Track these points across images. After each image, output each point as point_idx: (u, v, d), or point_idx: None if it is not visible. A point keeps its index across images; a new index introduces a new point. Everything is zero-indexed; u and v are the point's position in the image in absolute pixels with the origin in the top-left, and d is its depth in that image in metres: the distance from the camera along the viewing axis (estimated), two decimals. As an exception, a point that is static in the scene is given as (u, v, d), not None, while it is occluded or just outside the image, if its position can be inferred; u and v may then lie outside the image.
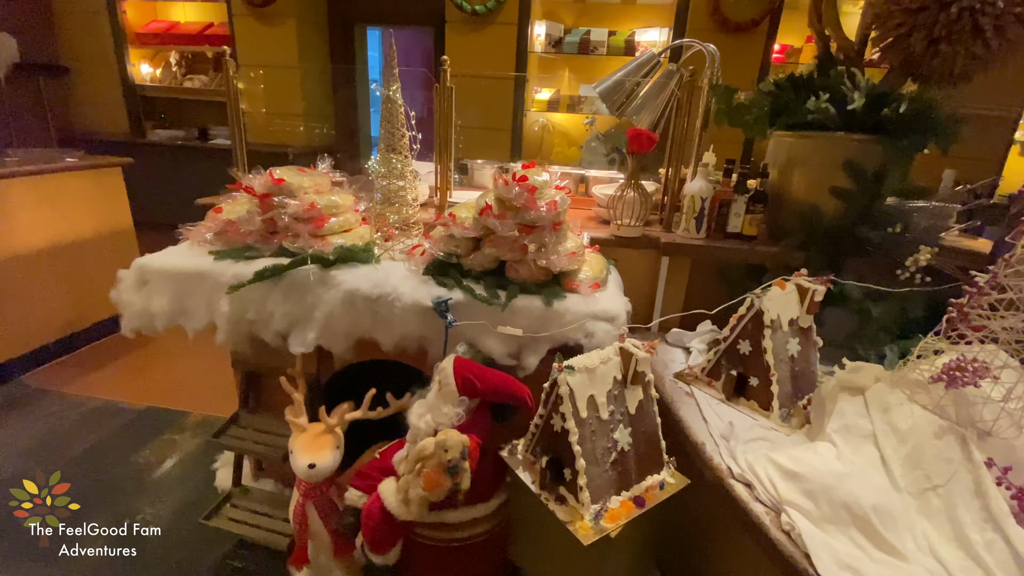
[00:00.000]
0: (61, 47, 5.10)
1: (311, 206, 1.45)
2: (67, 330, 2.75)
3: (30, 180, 2.51)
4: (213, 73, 5.08)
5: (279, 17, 4.49)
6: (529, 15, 4.20)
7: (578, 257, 1.31)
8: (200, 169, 4.90)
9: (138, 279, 1.44)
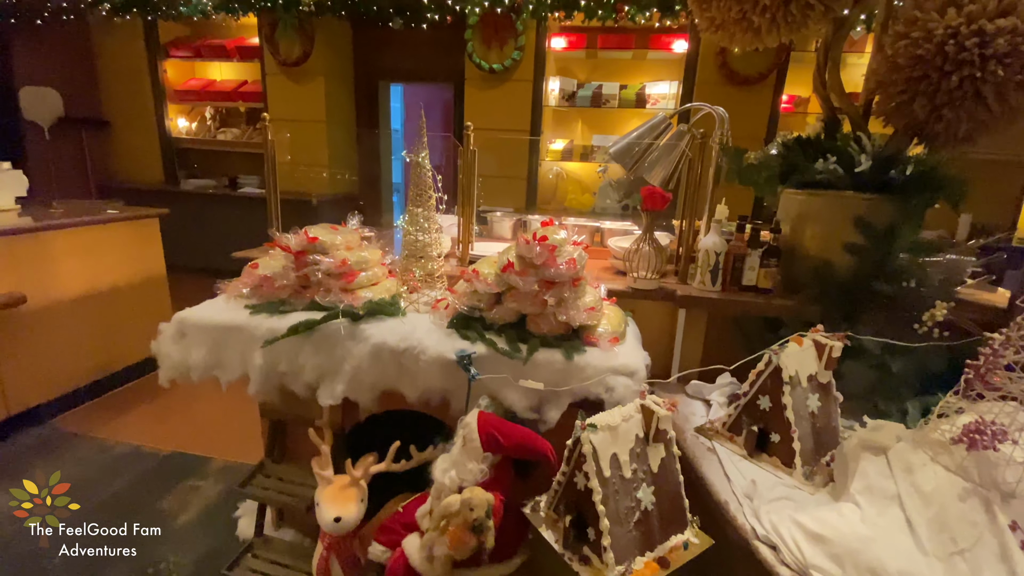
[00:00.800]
0: (103, 102, 5.47)
1: (343, 263, 1.53)
2: (99, 373, 2.84)
3: (73, 231, 2.66)
4: (245, 126, 5.39)
5: (309, 75, 4.78)
6: (544, 72, 4.42)
7: (597, 312, 1.36)
8: (229, 216, 5.13)
9: (177, 332, 1.51)
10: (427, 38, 4.76)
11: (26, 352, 2.46)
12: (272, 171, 1.92)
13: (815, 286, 1.55)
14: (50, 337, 2.57)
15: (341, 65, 5.05)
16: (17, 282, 2.39)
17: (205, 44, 5.14)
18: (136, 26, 5.06)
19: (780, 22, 1.33)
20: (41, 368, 2.54)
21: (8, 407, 2.42)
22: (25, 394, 2.48)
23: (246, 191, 5.15)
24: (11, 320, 2.38)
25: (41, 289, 2.50)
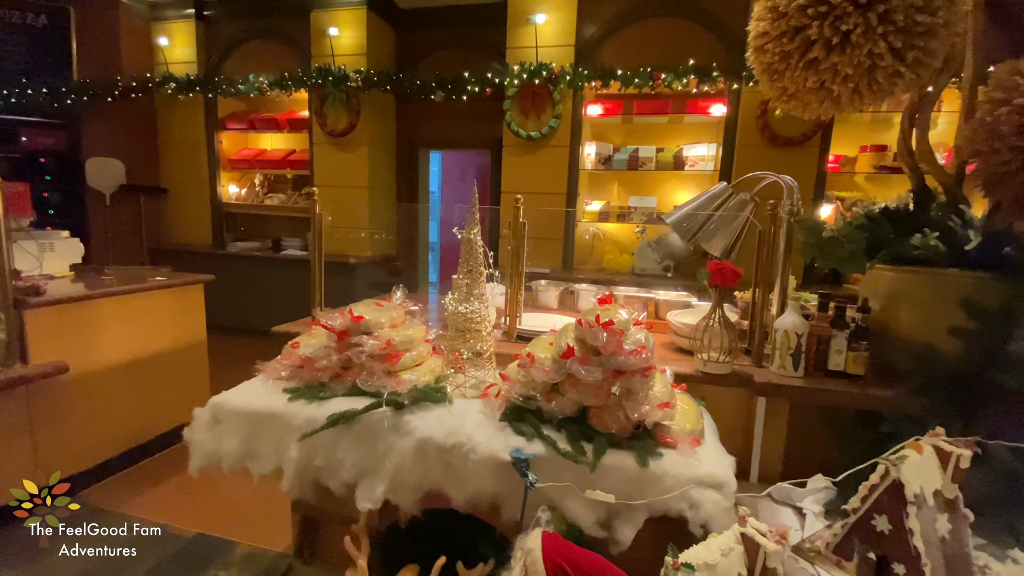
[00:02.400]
0: (162, 171, 5.80)
1: (387, 343, 1.43)
2: (132, 442, 2.78)
3: (120, 299, 2.69)
4: (291, 192, 5.60)
5: (354, 145, 4.97)
6: (580, 138, 4.47)
7: (672, 410, 1.20)
8: (272, 278, 5.23)
9: (212, 418, 1.42)
10: (466, 108, 4.93)
11: (63, 422, 2.43)
12: (318, 247, 1.89)
13: (918, 375, 1.35)
14: (88, 406, 2.54)
15: (384, 134, 5.25)
16: (60, 350, 2.39)
17: (259, 117, 5.46)
18: (197, 102, 5.44)
19: (863, 91, 1.23)
20: (76, 438, 2.50)
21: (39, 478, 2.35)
22: (60, 464, 2.41)
23: (289, 253, 5.27)
24: (51, 389, 2.36)
25: (84, 357, 2.49)
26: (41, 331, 2.33)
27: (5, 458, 2.22)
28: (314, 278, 1.90)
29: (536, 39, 4.36)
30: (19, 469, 2.27)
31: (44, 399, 2.34)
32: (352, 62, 4.82)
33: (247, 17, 5.31)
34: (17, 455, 2.26)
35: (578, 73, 4.24)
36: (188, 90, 5.29)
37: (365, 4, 4.73)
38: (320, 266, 1.93)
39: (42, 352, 2.33)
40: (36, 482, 2.32)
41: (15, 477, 2.29)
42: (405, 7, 5.08)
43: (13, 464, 2.25)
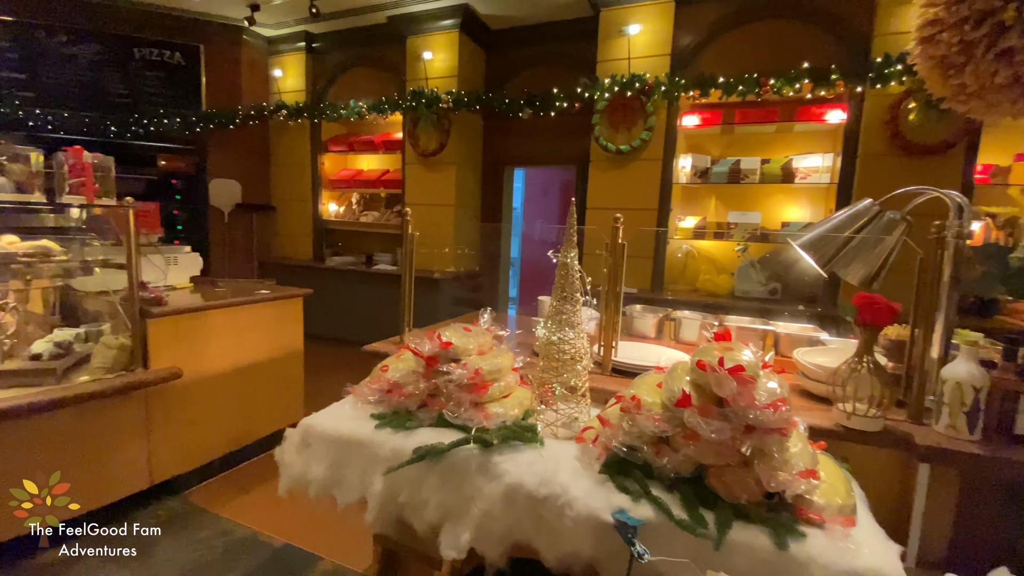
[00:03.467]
0: (272, 190, 6.31)
1: (476, 373, 1.34)
2: (232, 446, 2.94)
3: (229, 310, 2.88)
4: (384, 209, 5.84)
5: (443, 164, 5.08)
6: (674, 151, 4.22)
7: (816, 480, 0.98)
8: (364, 290, 5.46)
9: (302, 440, 1.40)
10: (552, 125, 4.87)
11: (174, 424, 2.61)
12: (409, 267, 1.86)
13: None
14: (196, 410, 2.72)
15: (471, 153, 5.33)
16: (175, 357, 2.58)
17: (357, 139, 5.78)
18: (304, 127, 5.87)
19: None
20: (186, 440, 2.67)
21: (153, 476, 2.54)
22: (169, 464, 2.60)
23: (380, 268, 5.47)
24: (166, 393, 2.55)
25: (195, 363, 2.68)
26: (160, 339, 2.53)
27: (124, 455, 2.41)
28: (404, 297, 1.87)
29: (628, 50, 4.20)
30: (135, 466, 2.46)
31: (159, 402, 2.53)
32: (444, 84, 4.95)
33: (350, 47, 5.67)
34: (134, 453, 2.45)
35: (674, 83, 4.01)
36: (297, 116, 5.73)
37: (458, 27, 4.85)
38: (410, 286, 1.90)
39: (160, 358, 2.52)
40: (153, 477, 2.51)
41: (132, 473, 2.48)
42: (496, 28, 5.15)
43: (130, 461, 2.44)
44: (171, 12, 5.39)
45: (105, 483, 2.35)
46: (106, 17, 5.26)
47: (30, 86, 5.11)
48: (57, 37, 5.16)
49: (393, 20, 5.09)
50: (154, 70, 5.50)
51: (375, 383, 1.47)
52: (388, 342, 1.96)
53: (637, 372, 1.61)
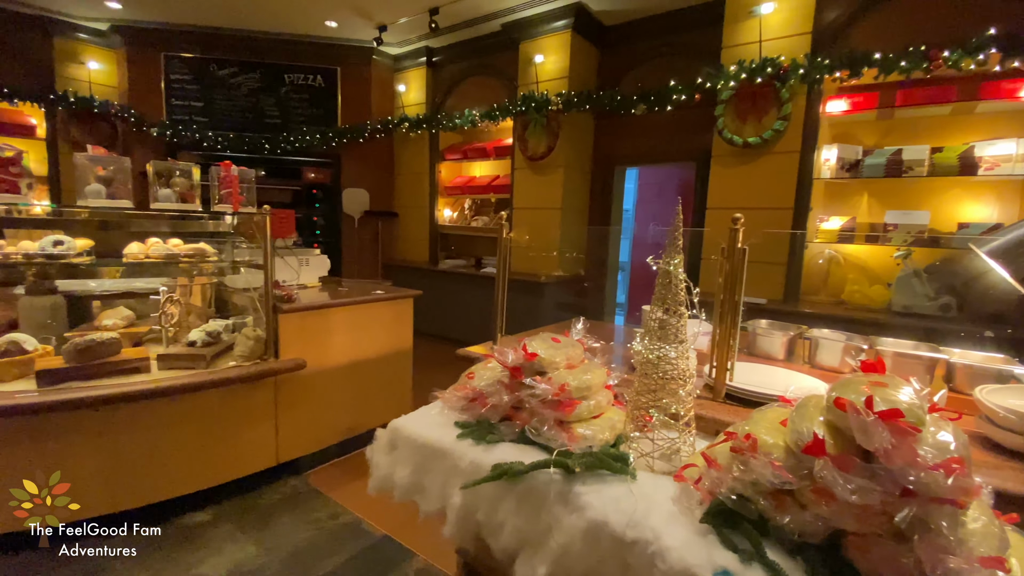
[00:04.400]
0: (395, 198, 6.77)
1: (561, 388, 1.22)
2: (347, 434, 3.16)
3: (348, 308, 3.09)
4: (493, 214, 5.95)
5: (551, 167, 5.02)
6: (815, 141, 3.68)
7: (1005, 573, 0.71)
8: (472, 292, 5.61)
9: (390, 442, 1.41)
10: (669, 120, 4.55)
11: (299, 410, 2.86)
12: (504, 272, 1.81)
13: None
14: (318, 398, 2.96)
15: (580, 155, 5.20)
16: (302, 349, 2.83)
17: (471, 147, 5.97)
18: (423, 138, 6.21)
19: None
20: (307, 425, 2.92)
21: (279, 455, 2.81)
22: (292, 446, 2.86)
23: (488, 271, 5.58)
24: (292, 381, 2.80)
25: (317, 356, 2.91)
26: (289, 332, 2.79)
27: (256, 435, 2.70)
28: (497, 302, 1.82)
29: (760, 33, 3.76)
30: (265, 445, 2.74)
31: (286, 389, 2.79)
32: (555, 86, 4.89)
33: (466, 58, 5.87)
34: (264, 434, 2.73)
35: (816, 64, 3.50)
36: (417, 128, 6.08)
37: (570, 28, 4.76)
38: (503, 290, 1.84)
39: (288, 350, 2.78)
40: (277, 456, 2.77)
41: (263, 452, 2.76)
42: (610, 24, 4.97)
43: (261, 441, 2.72)
44: (314, 40, 6.05)
45: (240, 458, 2.65)
46: (265, 49, 6.06)
47: (205, 112, 6.08)
48: (226, 69, 6.07)
49: (506, 27, 5.16)
50: (300, 93, 6.22)
51: (461, 390, 1.43)
52: (481, 347, 1.92)
53: (757, 402, 1.38)
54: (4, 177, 2.06)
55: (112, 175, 2.28)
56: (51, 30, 5.60)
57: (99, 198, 2.27)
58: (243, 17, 5.58)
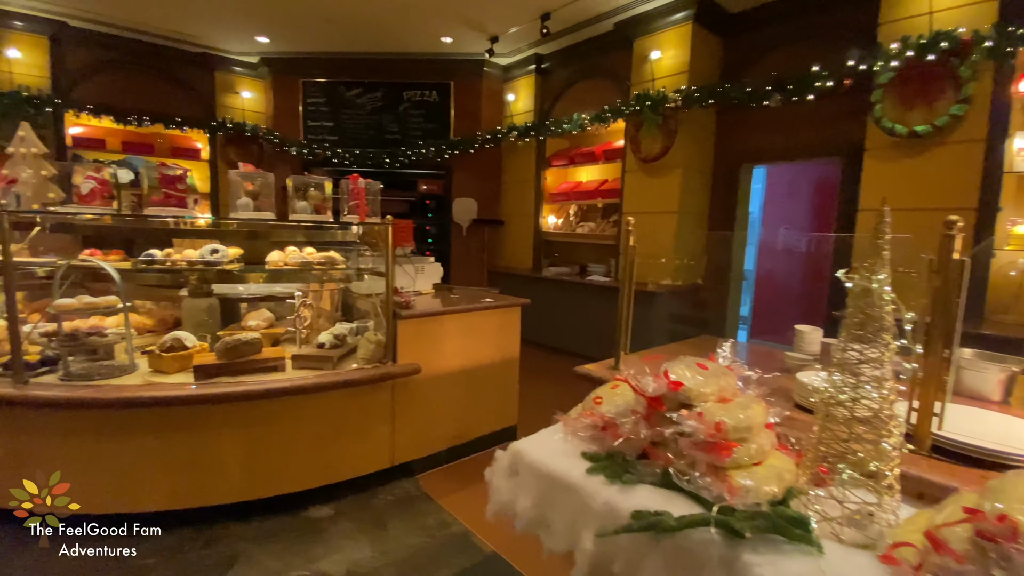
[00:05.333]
0: (501, 206, 6.84)
1: (717, 428, 1.03)
2: (456, 440, 3.17)
3: (460, 316, 3.11)
4: (600, 220, 5.75)
5: (666, 169, 4.72)
6: (1006, 127, 3.02)
7: None
8: (577, 300, 5.46)
9: (511, 466, 1.31)
10: (807, 111, 4.03)
11: (413, 414, 2.92)
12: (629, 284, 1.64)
13: None
14: (430, 403, 3.00)
15: (699, 154, 4.82)
16: (417, 354, 2.89)
17: (578, 152, 5.84)
18: (531, 145, 6.20)
19: None
20: (420, 429, 2.97)
21: (394, 457, 2.88)
22: (406, 449, 2.92)
23: (593, 279, 5.39)
24: (408, 385, 2.86)
25: (430, 362, 2.95)
26: (406, 337, 2.86)
27: (374, 436, 2.78)
28: (620, 318, 1.66)
29: (930, 2, 3.18)
30: (381, 447, 2.82)
31: (402, 393, 2.86)
32: (672, 82, 4.59)
33: (575, 62, 5.76)
34: (381, 435, 2.81)
35: (1008, 35, 2.86)
36: (525, 135, 6.09)
37: (691, 19, 4.44)
38: (629, 305, 1.67)
39: (405, 354, 2.85)
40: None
41: (379, 453, 2.84)
42: (736, 10, 4.55)
43: (378, 441, 2.81)
44: (430, 57, 6.33)
45: (359, 457, 2.75)
46: (387, 70, 6.47)
47: (335, 131, 6.64)
48: (353, 90, 6.58)
49: (619, 25, 4.96)
50: (417, 108, 6.54)
51: (588, 416, 1.29)
52: (602, 366, 1.77)
53: (980, 460, 1.07)
54: (173, 193, 2.33)
55: (259, 189, 2.49)
56: (213, 65, 6.49)
57: (248, 210, 2.50)
58: (369, 41, 6.00)
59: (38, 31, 5.31)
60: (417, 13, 5.07)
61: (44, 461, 2.29)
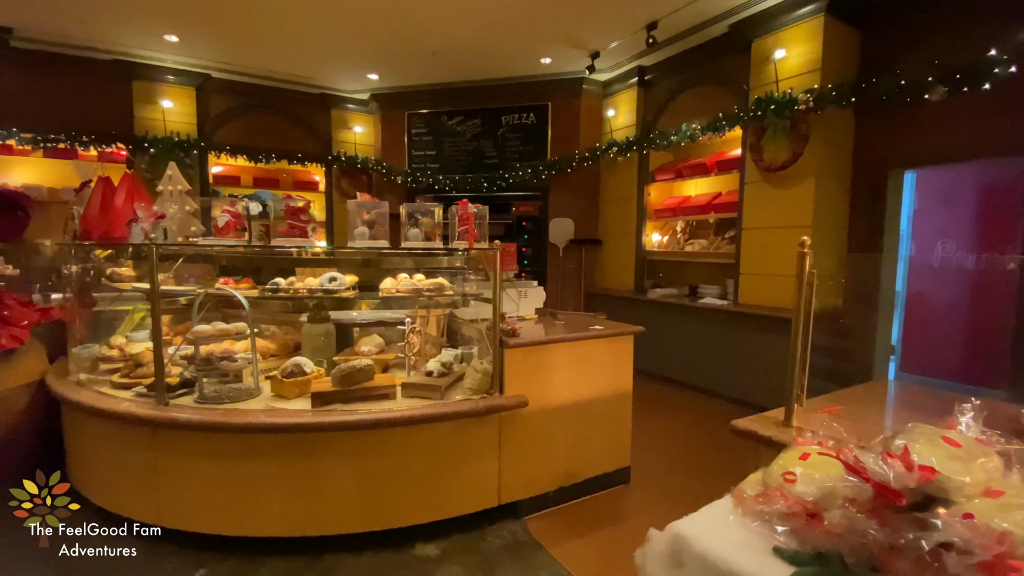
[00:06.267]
0: (599, 225, 6.58)
1: (1000, 538, 0.72)
2: (564, 481, 2.93)
3: (567, 344, 2.89)
4: (713, 237, 5.28)
5: (795, 178, 4.20)
6: None
7: None
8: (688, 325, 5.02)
9: (671, 554, 1.06)
10: (976, 103, 3.36)
11: (520, 450, 2.74)
12: (805, 317, 1.33)
13: None
14: (538, 439, 2.80)
15: (836, 161, 4.23)
16: (524, 385, 2.71)
17: (686, 165, 5.44)
18: (632, 161, 5.91)
19: None
20: (527, 467, 2.78)
21: (500, 496, 2.71)
22: (513, 488, 2.74)
23: (707, 302, 4.92)
24: (515, 419, 2.69)
25: (538, 394, 2.76)
26: (513, 367, 2.70)
27: (480, 472, 2.63)
28: (794, 358, 1.34)
29: None
30: (488, 484, 2.66)
31: (509, 427, 2.69)
32: (801, 83, 4.10)
33: (683, 70, 5.41)
34: (487, 472, 2.65)
35: None
36: (626, 151, 5.82)
37: (823, 10, 3.95)
38: (802, 341, 1.36)
39: (512, 386, 2.69)
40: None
41: (485, 491, 2.67)
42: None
43: (485, 478, 2.65)
44: (528, 80, 6.33)
45: (465, 495, 2.61)
46: (487, 97, 6.57)
47: (436, 159, 6.84)
48: (454, 119, 6.75)
49: (736, 27, 4.56)
50: (514, 132, 6.55)
51: (777, 495, 1.01)
52: (766, 420, 1.45)
53: None
54: (296, 224, 2.40)
55: (374, 218, 2.50)
56: (330, 104, 7.01)
57: (364, 239, 2.53)
58: (469, 70, 6.14)
59: (187, 83, 6.08)
60: (519, 36, 5.07)
61: (178, 478, 2.43)
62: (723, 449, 3.69)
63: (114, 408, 2.42)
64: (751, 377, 4.28)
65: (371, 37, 5.16)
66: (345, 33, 5.08)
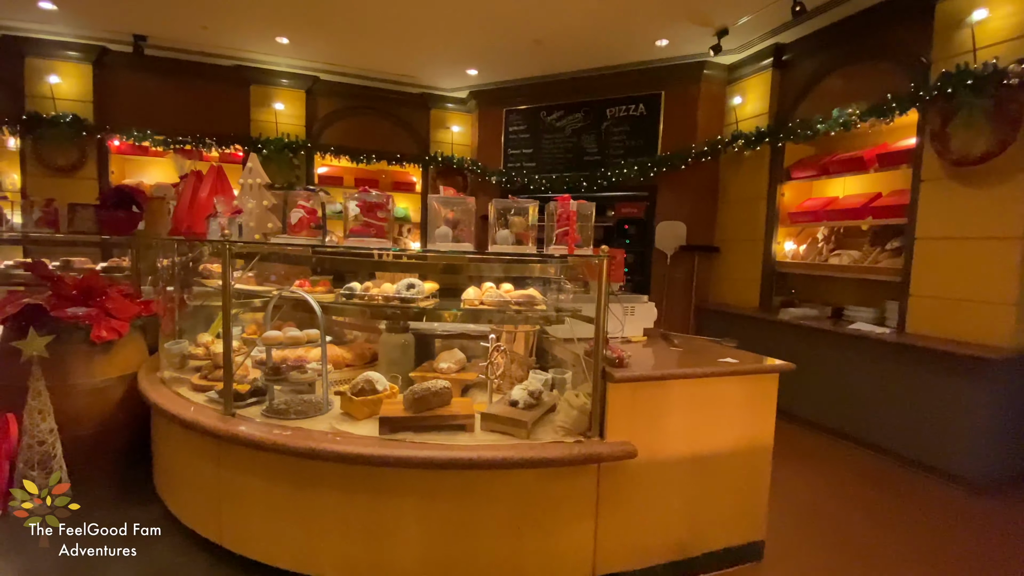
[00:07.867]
0: (717, 231, 5.74)
1: None
2: (678, 554, 2.32)
3: (691, 381, 2.29)
4: (869, 247, 4.28)
5: (1000, 174, 3.18)
6: None
7: None
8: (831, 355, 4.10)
9: None
10: None
11: (623, 510, 2.19)
12: None
13: None
14: (646, 500, 2.23)
15: (1071, 149, 3.13)
16: (631, 430, 2.16)
17: (833, 160, 4.48)
18: (762, 156, 5.04)
19: None
20: (632, 532, 2.22)
21: (596, 566, 2.17)
22: (613, 557, 2.19)
23: (858, 327, 3.96)
24: (617, 472, 2.15)
25: (648, 442, 2.18)
26: (617, 406, 2.16)
27: (572, 534, 2.12)
28: None
29: None
30: (581, 551, 2.14)
31: (610, 481, 2.15)
32: (1009, 50, 3.09)
33: (835, 45, 4.47)
34: (582, 536, 2.13)
35: None
36: (756, 144, 4.97)
37: (1061, -56, 2.92)
38: None
39: (615, 429, 2.15)
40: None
41: (577, 559, 2.11)
42: None
43: (578, 543, 2.13)
44: (639, 68, 5.69)
45: (553, 560, 2.11)
46: (588, 89, 6.04)
47: (533, 157, 6.43)
48: (554, 114, 6.30)
49: (917, -18, 3.61)
50: (620, 125, 5.94)
51: None
52: None
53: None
54: (373, 222, 2.07)
55: (459, 217, 2.12)
56: (429, 104, 6.91)
57: (445, 240, 2.15)
58: (573, 60, 5.66)
59: (298, 86, 6.27)
60: (633, 13, 4.49)
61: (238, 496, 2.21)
62: (886, 524, 2.83)
63: (179, 413, 2.27)
64: (928, 428, 3.32)
65: (473, 27, 4.89)
66: (447, 24, 4.86)
